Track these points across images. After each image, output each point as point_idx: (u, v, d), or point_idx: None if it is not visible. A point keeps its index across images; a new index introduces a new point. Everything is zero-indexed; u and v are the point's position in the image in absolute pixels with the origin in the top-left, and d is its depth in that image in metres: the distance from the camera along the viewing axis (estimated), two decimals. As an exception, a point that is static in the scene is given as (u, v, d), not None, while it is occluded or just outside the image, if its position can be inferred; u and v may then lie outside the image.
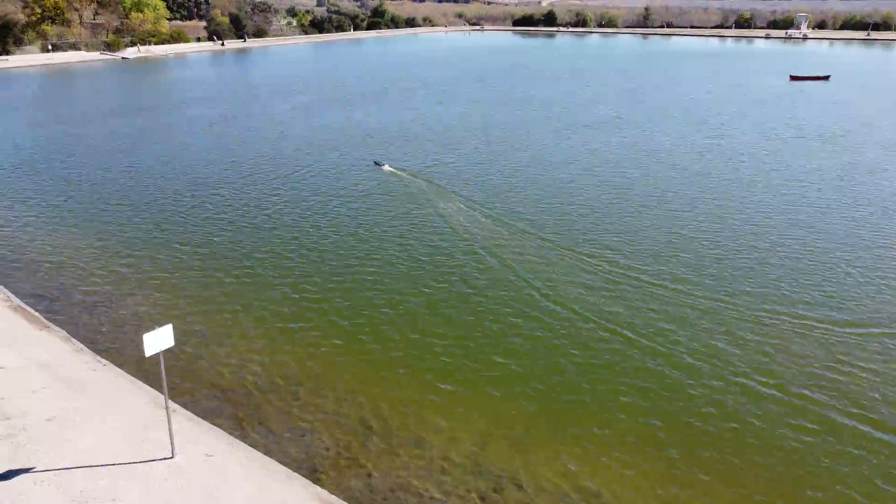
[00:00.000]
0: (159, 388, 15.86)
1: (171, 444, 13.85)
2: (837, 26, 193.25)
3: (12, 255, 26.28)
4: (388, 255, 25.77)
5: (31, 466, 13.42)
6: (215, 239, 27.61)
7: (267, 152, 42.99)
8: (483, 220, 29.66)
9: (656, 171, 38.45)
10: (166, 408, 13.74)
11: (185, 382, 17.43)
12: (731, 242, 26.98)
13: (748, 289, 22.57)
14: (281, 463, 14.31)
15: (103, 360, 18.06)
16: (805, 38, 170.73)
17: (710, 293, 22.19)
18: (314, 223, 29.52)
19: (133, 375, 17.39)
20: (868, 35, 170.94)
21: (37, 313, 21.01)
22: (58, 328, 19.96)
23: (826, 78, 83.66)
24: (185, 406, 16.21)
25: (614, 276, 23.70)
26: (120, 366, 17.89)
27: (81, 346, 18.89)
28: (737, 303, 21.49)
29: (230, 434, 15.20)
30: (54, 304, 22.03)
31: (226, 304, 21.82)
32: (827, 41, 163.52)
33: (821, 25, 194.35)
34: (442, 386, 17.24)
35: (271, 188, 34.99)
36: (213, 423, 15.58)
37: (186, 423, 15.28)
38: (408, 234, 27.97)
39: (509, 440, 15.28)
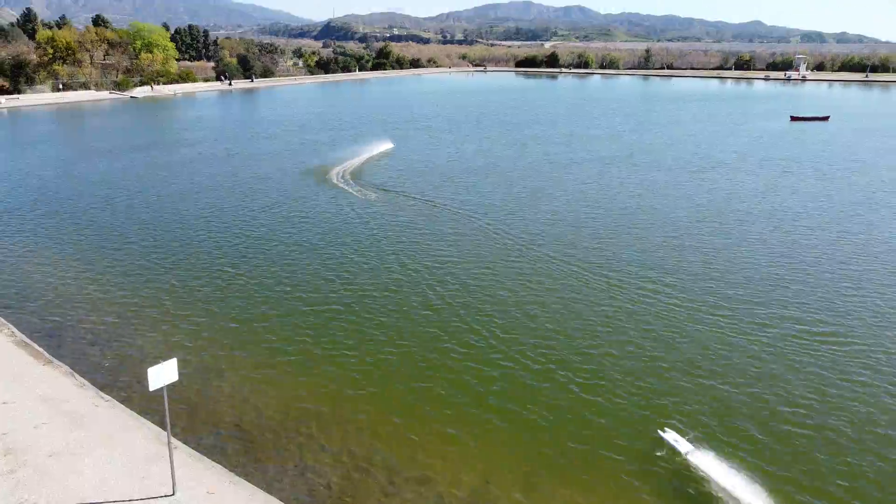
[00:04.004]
0: (161, 424, 15.83)
1: (173, 480, 13.76)
2: (836, 68, 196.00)
3: (17, 290, 26.41)
4: (401, 299, 25.85)
5: (32, 502, 13.32)
6: (221, 276, 27.72)
7: (274, 190, 43.38)
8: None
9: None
10: (168, 444, 13.70)
11: (188, 418, 17.37)
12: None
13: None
14: (283, 501, 14.18)
15: (106, 396, 18.04)
16: (804, 79, 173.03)
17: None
18: (321, 263, 29.66)
19: (135, 411, 17.35)
20: (867, 76, 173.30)
21: (41, 348, 21.05)
22: (61, 363, 19.97)
23: (826, 118, 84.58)
24: (186, 442, 16.14)
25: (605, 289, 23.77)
26: (122, 401, 17.87)
27: (84, 381, 18.88)
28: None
29: (232, 471, 15.09)
30: (58, 339, 22.07)
31: (231, 341, 21.83)
32: (826, 82, 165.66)
33: (819, 67, 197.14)
34: (446, 427, 17.15)
35: (279, 226, 35.24)
36: (215, 460, 15.48)
37: (188, 460, 15.19)
38: (407, 280, 28.09)
39: (512, 478, 15.14)
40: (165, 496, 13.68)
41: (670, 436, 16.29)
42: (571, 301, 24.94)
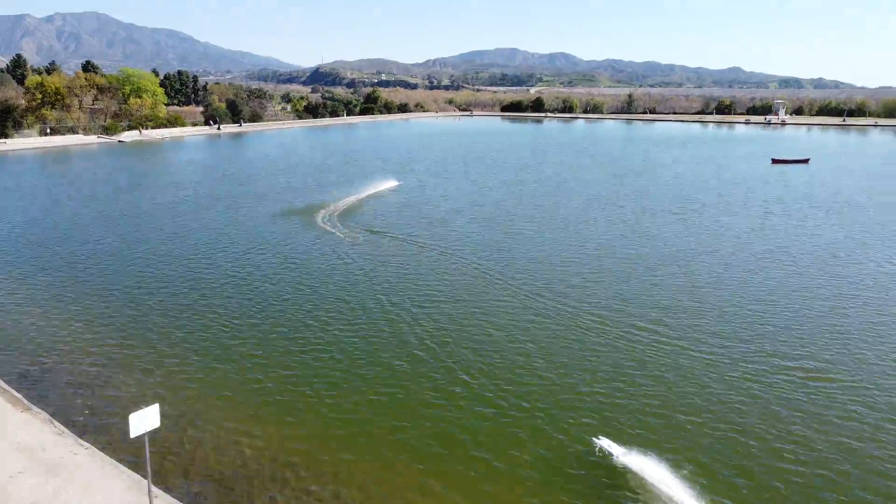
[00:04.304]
0: (142, 472, 15.43)
1: (153, 531, 13.33)
2: (814, 112, 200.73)
3: (-2, 335, 25.94)
4: (385, 343, 25.65)
5: (3, 556, 12.84)
6: (205, 321, 27.41)
7: (260, 233, 43.31)
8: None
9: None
10: (149, 492, 13.33)
11: (169, 466, 16.94)
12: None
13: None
14: (266, 551, 13.76)
15: (85, 443, 17.59)
16: (784, 123, 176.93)
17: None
18: (305, 305, 29.44)
19: (115, 458, 16.90)
20: (844, 121, 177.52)
21: (19, 395, 20.57)
22: (40, 410, 19.51)
23: (806, 161, 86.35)
24: (167, 490, 15.70)
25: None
26: (102, 448, 17.42)
27: (63, 428, 18.43)
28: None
29: (214, 520, 14.66)
30: (37, 385, 21.61)
31: (214, 386, 21.47)
32: (805, 126, 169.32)
33: (798, 111, 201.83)
34: (430, 476, 16.84)
35: (264, 268, 35.07)
36: (197, 509, 15.05)
37: (169, 509, 14.76)
38: (391, 324, 27.94)
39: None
40: (144, 548, 13.24)
41: (604, 442, 17.57)
42: (558, 341, 24.83)
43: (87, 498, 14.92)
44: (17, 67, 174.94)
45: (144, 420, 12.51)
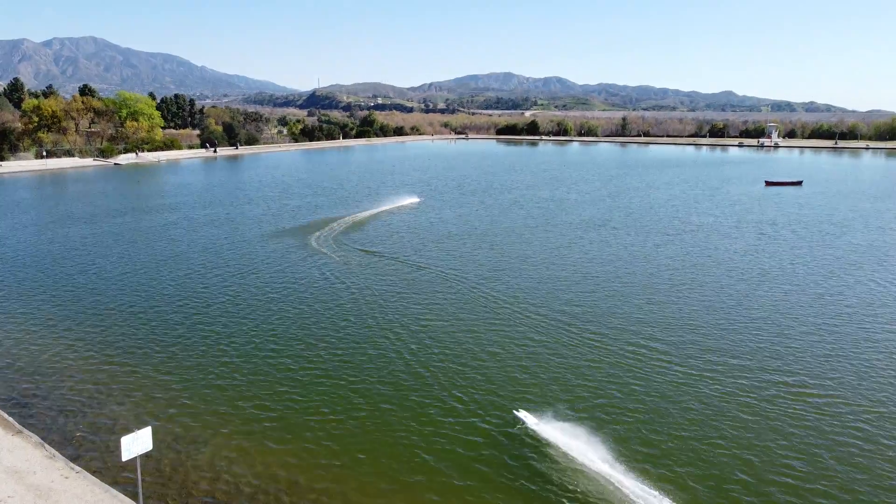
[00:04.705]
0: (134, 496, 15.22)
1: (143, 556, 13.09)
2: (806, 135, 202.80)
3: (-10, 357, 25.68)
4: (382, 364, 25.50)
5: (-9, 583, 12.58)
6: (198, 343, 27.23)
7: (255, 255, 43.22)
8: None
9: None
10: (140, 517, 13.10)
11: (161, 489, 16.68)
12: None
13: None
14: (259, 576, 13.51)
15: (76, 467, 17.33)
16: (776, 146, 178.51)
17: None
18: (299, 327, 29.30)
19: (107, 482, 16.63)
20: (836, 144, 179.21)
21: (10, 418, 20.32)
22: (31, 433, 19.25)
23: (799, 183, 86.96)
24: (159, 515, 15.46)
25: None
26: (94, 472, 17.16)
27: (55, 451, 18.17)
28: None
29: (206, 545, 14.42)
30: (29, 408, 21.37)
31: (206, 409, 21.25)
32: (798, 149, 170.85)
33: (790, 134, 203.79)
34: (430, 497, 16.64)
35: (258, 290, 34.94)
36: (189, 534, 14.81)
37: (160, 534, 14.52)
38: (388, 345, 27.81)
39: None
40: (135, 574, 12.99)
41: (522, 414, 19.93)
42: (551, 360, 24.72)
43: (78, 523, 14.67)
44: (15, 91, 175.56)
45: (136, 443, 12.35)
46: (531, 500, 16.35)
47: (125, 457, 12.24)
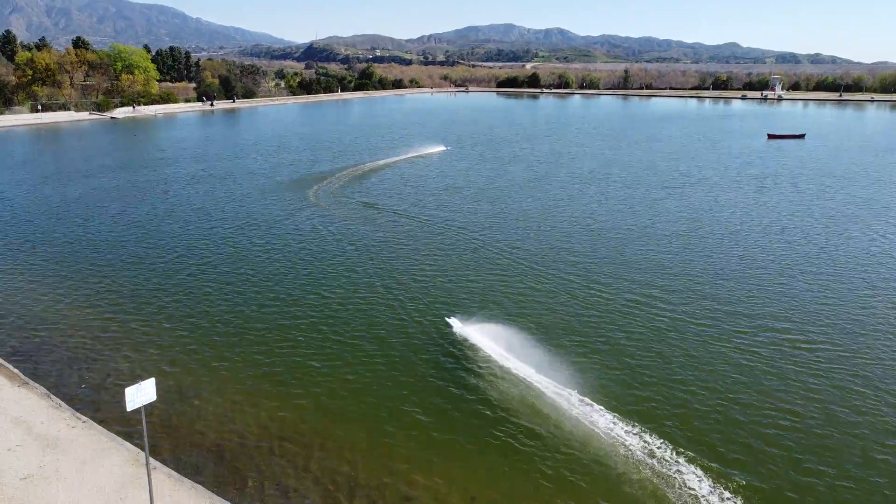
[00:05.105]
0: (140, 445, 15.50)
1: (151, 502, 13.39)
2: (810, 88, 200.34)
3: (-7, 311, 25.85)
4: (384, 318, 25.66)
5: (3, 528, 12.91)
6: (201, 295, 27.34)
7: (254, 208, 43.09)
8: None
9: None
10: (147, 465, 13.34)
11: (167, 438, 16.98)
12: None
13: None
14: (264, 521, 13.85)
15: (83, 417, 17.61)
16: (780, 98, 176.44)
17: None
18: (303, 280, 29.38)
19: (113, 432, 16.93)
20: (840, 96, 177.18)
21: (16, 370, 20.56)
22: (37, 384, 19.51)
23: (802, 136, 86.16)
24: (165, 463, 15.76)
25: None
26: (100, 422, 17.45)
27: (61, 402, 18.44)
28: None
29: (212, 491, 14.73)
30: (35, 360, 21.58)
31: (210, 359, 21.46)
32: (801, 101, 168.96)
33: (794, 87, 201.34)
34: (430, 447, 16.92)
35: (260, 243, 34.93)
36: (195, 481, 15.12)
37: (167, 481, 14.83)
38: (385, 300, 27.94)
39: (500, 497, 14.94)
40: (143, 519, 13.32)
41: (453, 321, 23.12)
42: (555, 309, 24.88)
43: (86, 471, 14.97)
44: (7, 44, 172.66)
45: (141, 394, 12.48)
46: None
47: (130, 407, 12.39)
